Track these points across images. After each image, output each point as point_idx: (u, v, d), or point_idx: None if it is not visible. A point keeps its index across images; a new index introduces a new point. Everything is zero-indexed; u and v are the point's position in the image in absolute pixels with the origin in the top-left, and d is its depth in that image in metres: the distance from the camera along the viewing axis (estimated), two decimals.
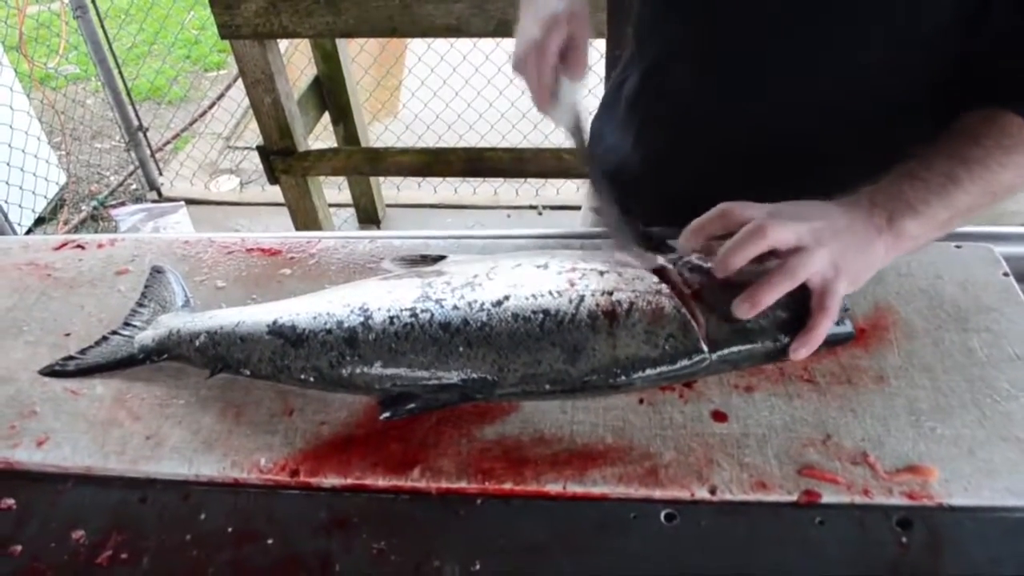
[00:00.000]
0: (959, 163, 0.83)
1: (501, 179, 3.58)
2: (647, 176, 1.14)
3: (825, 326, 0.80)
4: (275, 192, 3.07)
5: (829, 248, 0.78)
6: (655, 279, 0.83)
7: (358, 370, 0.81)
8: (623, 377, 0.79)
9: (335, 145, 3.21)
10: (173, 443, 0.83)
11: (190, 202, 3.74)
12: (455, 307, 0.81)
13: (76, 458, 0.82)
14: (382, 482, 0.78)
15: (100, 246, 1.12)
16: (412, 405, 0.78)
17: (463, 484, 0.77)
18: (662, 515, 0.74)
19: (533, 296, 0.81)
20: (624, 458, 0.78)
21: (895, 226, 0.81)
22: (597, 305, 0.80)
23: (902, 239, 0.81)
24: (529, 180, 3.64)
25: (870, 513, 0.73)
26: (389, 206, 3.68)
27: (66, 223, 3.76)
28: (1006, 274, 0.95)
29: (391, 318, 0.81)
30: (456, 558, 0.72)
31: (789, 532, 0.72)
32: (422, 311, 0.81)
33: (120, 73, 3.71)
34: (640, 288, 0.81)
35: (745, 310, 0.79)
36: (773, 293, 0.78)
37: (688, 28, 1.01)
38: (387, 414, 0.78)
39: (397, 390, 0.80)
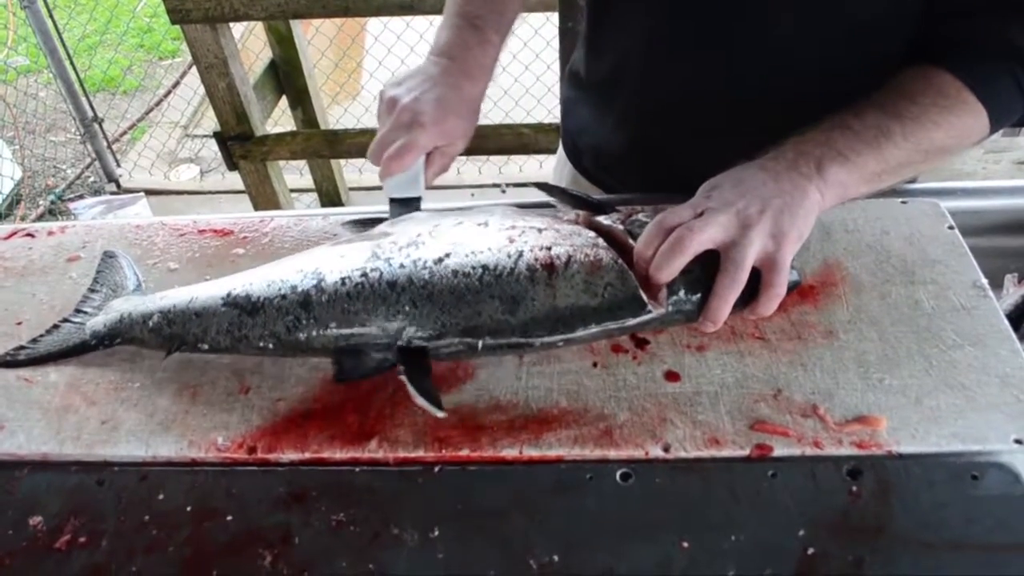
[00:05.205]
0: (893, 118, 0.83)
1: (464, 157, 3.56)
2: (633, 155, 1.15)
3: (773, 302, 0.79)
4: (236, 179, 3.04)
5: (762, 224, 0.77)
6: (592, 234, 0.84)
7: (315, 332, 0.81)
8: (564, 326, 0.79)
9: (294, 129, 3.18)
10: (129, 426, 0.82)
11: (150, 192, 3.70)
12: (401, 265, 0.81)
13: (31, 445, 0.82)
14: (340, 455, 0.78)
15: (50, 233, 1.10)
16: (365, 368, 0.79)
17: (420, 453, 0.77)
18: (617, 475, 0.75)
19: (473, 252, 0.81)
20: (579, 420, 0.79)
21: (823, 171, 0.81)
22: (536, 259, 0.80)
23: (830, 185, 0.81)
24: (492, 158, 3.63)
25: (821, 464, 0.74)
26: (352, 189, 3.65)
27: (23, 219, 3.71)
28: (951, 227, 0.97)
29: (343, 279, 0.81)
30: (415, 525, 0.72)
31: (742, 486, 0.73)
32: (372, 270, 0.81)
33: (72, 64, 3.64)
34: (578, 242, 0.82)
35: (710, 328, 0.80)
36: (726, 304, 0.78)
37: (658, 17, 1.00)
38: (340, 377, 0.80)
39: (350, 349, 0.80)
